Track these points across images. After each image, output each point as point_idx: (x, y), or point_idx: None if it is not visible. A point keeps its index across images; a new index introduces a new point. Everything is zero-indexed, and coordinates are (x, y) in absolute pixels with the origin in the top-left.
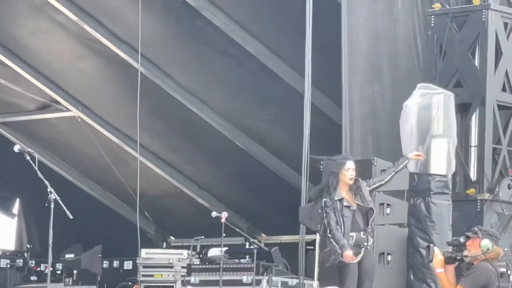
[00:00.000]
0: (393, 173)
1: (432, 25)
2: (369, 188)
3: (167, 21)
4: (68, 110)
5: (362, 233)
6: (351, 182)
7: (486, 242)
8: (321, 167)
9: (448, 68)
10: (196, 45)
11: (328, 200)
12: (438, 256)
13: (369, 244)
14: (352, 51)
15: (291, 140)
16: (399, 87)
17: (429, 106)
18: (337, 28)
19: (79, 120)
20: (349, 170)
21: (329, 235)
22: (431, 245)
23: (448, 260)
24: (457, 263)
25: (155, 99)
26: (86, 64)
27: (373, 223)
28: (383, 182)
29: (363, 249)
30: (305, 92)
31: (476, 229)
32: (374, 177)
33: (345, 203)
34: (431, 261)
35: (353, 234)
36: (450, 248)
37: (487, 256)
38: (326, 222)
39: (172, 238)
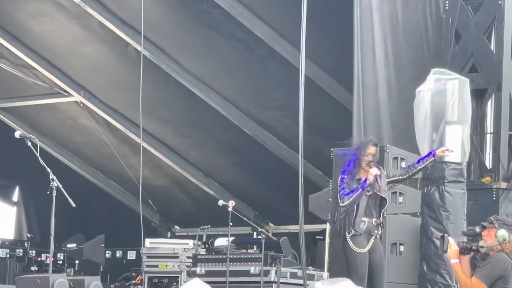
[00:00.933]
0: (415, 170)
1: (447, 7)
2: (388, 180)
3: (173, 3)
4: (70, 95)
5: (374, 220)
6: (367, 167)
7: (502, 232)
8: (332, 155)
9: (463, 52)
10: (202, 28)
11: (346, 176)
12: (452, 246)
13: (379, 233)
14: (363, 36)
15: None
16: (409, 72)
17: (444, 92)
18: (349, 12)
19: (81, 105)
20: (368, 156)
21: (342, 204)
22: (446, 235)
23: (463, 251)
24: (472, 253)
25: (160, 84)
26: (89, 47)
27: (385, 213)
28: (404, 177)
29: (373, 237)
30: (300, 69)
31: (492, 219)
32: (396, 170)
33: None
34: (446, 251)
35: (365, 219)
36: (465, 238)
37: (504, 246)
38: (339, 195)
39: (176, 227)
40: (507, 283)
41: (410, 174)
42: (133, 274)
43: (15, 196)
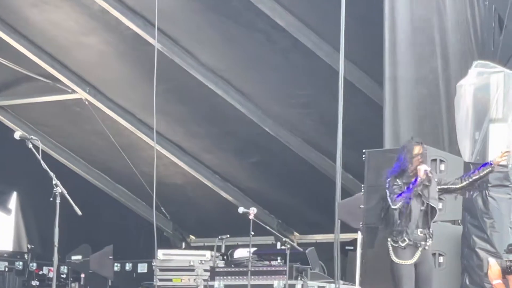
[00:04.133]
0: (471, 180)
1: None
2: (439, 187)
3: None
4: (74, 91)
5: (419, 231)
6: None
7: None
8: (364, 157)
9: (508, 43)
10: (220, 18)
11: (394, 179)
12: (493, 267)
13: (428, 244)
14: (396, 25)
15: (327, 126)
16: (452, 65)
17: (487, 87)
18: (381, 1)
19: (86, 103)
20: (415, 156)
21: (394, 206)
22: (487, 257)
23: (509, 270)
24: None
25: (173, 79)
26: (95, 39)
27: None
28: (456, 187)
29: (420, 249)
30: (340, 68)
31: None
32: (448, 178)
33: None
34: (486, 273)
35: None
36: (510, 256)
37: None
38: (389, 198)
39: (192, 237)
40: None
41: (464, 184)
42: None
43: (12, 204)
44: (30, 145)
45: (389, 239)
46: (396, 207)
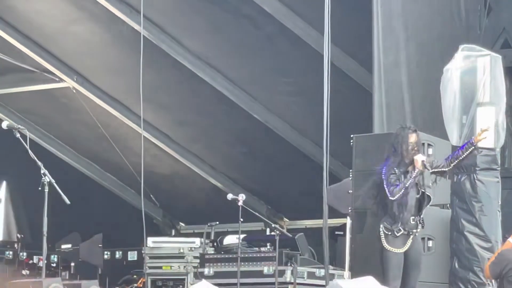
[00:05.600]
0: (457, 161)
1: None
2: (430, 171)
3: None
4: (61, 80)
5: (412, 218)
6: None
7: None
8: (351, 143)
9: (494, 26)
10: (206, 4)
11: (390, 170)
12: None
13: (418, 230)
14: (384, 9)
15: (315, 112)
16: (438, 49)
17: (474, 70)
18: None
19: (74, 91)
20: (410, 145)
21: (393, 197)
22: None
23: None
24: None
25: (160, 67)
26: (81, 27)
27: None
28: (444, 170)
29: (411, 236)
30: (324, 53)
31: None
32: (438, 160)
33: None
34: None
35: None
36: None
37: None
38: (387, 189)
39: (181, 224)
40: (510, 282)
41: (452, 166)
42: (135, 276)
43: (1, 193)
44: (18, 135)
45: (382, 226)
46: (394, 199)
